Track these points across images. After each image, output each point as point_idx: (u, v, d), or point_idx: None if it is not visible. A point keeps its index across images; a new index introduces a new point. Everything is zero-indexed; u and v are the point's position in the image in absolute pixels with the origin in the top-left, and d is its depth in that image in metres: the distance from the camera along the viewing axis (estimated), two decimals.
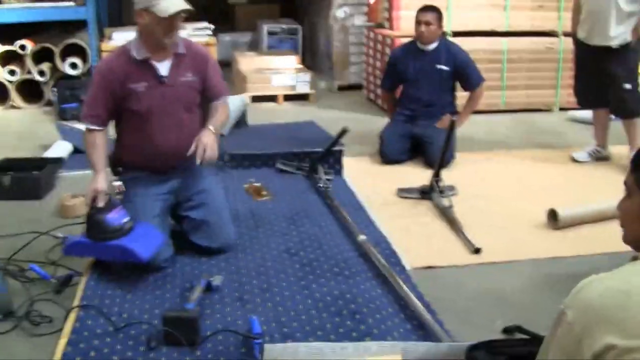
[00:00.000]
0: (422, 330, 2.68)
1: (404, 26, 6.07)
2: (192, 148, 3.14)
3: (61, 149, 4.96)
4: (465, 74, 4.95)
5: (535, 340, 2.35)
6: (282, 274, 3.12)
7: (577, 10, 4.83)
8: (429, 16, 4.81)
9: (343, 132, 4.21)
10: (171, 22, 3.06)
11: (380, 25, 6.63)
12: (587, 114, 5.88)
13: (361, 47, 7.13)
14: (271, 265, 3.20)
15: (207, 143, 3.15)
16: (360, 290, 2.95)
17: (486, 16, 6.23)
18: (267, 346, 2.25)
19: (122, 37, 6.67)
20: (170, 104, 3.20)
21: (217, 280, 2.95)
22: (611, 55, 4.61)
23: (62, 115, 6.06)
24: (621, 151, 5.00)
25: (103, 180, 3.09)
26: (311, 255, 3.30)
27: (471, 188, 4.35)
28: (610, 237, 3.62)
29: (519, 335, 2.46)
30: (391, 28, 6.24)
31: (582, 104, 5.16)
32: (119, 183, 3.18)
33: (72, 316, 2.68)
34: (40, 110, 6.60)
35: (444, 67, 4.90)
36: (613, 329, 1.30)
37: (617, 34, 4.55)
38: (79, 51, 6.69)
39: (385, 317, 2.75)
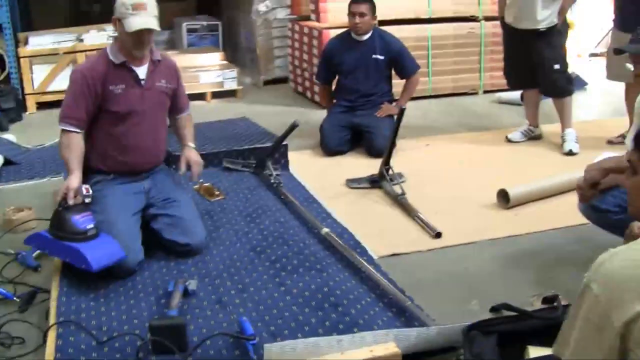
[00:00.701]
0: (403, 317, 2.73)
1: (331, 18, 6.12)
2: (183, 167, 3.46)
3: None
4: (400, 62, 5.03)
5: (524, 316, 2.44)
6: (254, 273, 3.11)
7: None
8: (363, 7, 4.86)
9: (293, 126, 4.21)
10: (139, 37, 3.17)
11: (306, 18, 6.64)
12: (513, 95, 6.11)
13: (285, 40, 7.12)
14: (241, 265, 3.18)
15: (198, 161, 3.49)
16: (336, 282, 2.98)
17: (409, 3, 6.34)
18: (266, 346, 2.24)
19: (38, 41, 6.48)
20: (148, 107, 3.32)
21: (192, 285, 2.91)
22: (539, 38, 4.77)
23: None
24: (551, 129, 5.20)
25: (77, 178, 3.11)
26: (278, 252, 3.29)
27: (416, 174, 4.43)
28: (558, 213, 3.81)
29: (506, 313, 2.53)
30: (318, 20, 6.26)
31: (513, 86, 5.34)
32: (86, 186, 3.10)
33: (52, 334, 2.59)
34: None
35: (380, 57, 4.96)
36: None
37: (544, 17, 4.71)
38: None
39: (366, 307, 2.79)
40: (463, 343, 2.33)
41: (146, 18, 3.14)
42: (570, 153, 4.82)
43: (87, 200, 3.10)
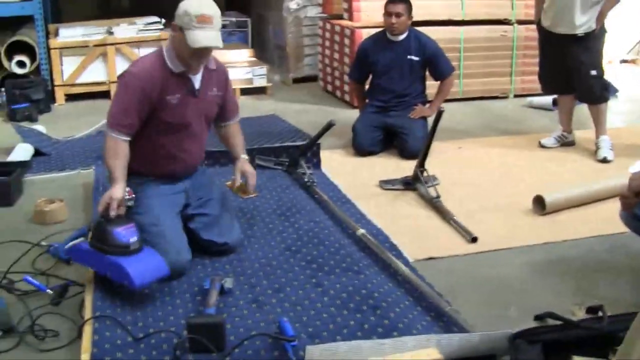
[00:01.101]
0: (441, 321, 2.69)
1: (364, 17, 6.08)
2: (238, 179, 3.35)
3: (24, 152, 4.75)
4: (435, 63, 4.98)
5: (568, 325, 2.39)
6: (290, 273, 3.07)
7: None
8: (400, 7, 4.82)
9: (329, 125, 4.17)
10: (201, 52, 3.00)
11: (337, 17, 6.61)
12: (544, 99, 6.05)
13: (315, 38, 7.10)
14: (277, 265, 3.15)
15: (253, 172, 3.38)
16: (373, 284, 2.94)
17: (443, 5, 6.29)
18: (308, 347, 2.21)
19: (69, 33, 6.50)
20: (198, 117, 3.21)
21: (228, 283, 2.88)
22: (576, 43, 4.71)
23: (13, 116, 5.84)
24: (585, 135, 5.13)
25: (121, 189, 2.95)
26: (314, 252, 3.26)
27: (449, 177, 4.38)
28: (594, 221, 3.76)
29: (551, 322, 2.48)
30: (350, 19, 6.22)
31: (547, 90, 5.27)
32: (128, 189, 3.04)
33: (88, 328, 2.56)
34: None
35: (415, 58, 4.92)
36: None
37: (582, 22, 4.65)
38: (24, 49, 6.43)
39: (405, 310, 2.75)
40: (509, 351, 2.28)
41: (211, 33, 2.94)
42: (605, 160, 4.76)
43: (130, 203, 3.03)
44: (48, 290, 2.97)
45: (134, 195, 3.04)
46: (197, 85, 3.13)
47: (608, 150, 4.81)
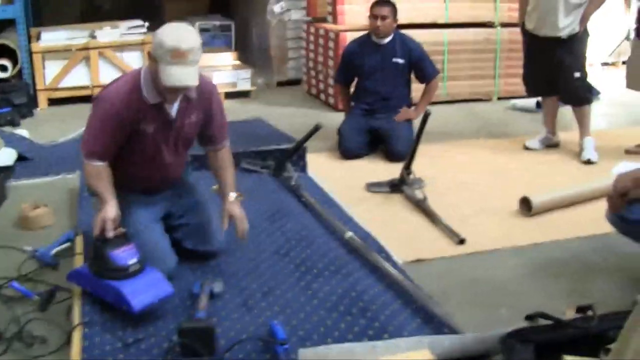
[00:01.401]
0: (432, 323, 2.68)
1: (349, 20, 6.09)
2: (226, 224, 3.12)
3: (6, 157, 4.70)
4: (420, 66, 5.00)
5: (559, 325, 2.40)
6: (279, 276, 3.06)
7: (524, 1, 4.95)
8: (385, 10, 4.83)
9: (316, 128, 4.17)
10: (174, 89, 2.82)
11: (321, 20, 6.62)
12: (527, 102, 6.09)
13: (299, 41, 7.10)
14: (266, 268, 3.14)
15: (242, 217, 3.14)
16: (362, 287, 2.93)
17: (427, 8, 6.31)
18: (301, 350, 2.20)
19: (51, 37, 6.45)
20: (174, 144, 3.07)
21: (218, 287, 2.86)
22: (560, 45, 4.74)
23: None
24: (569, 137, 5.17)
25: (113, 208, 2.83)
26: (302, 255, 3.25)
27: (436, 179, 4.39)
28: (580, 221, 3.79)
29: (542, 322, 2.49)
30: (335, 22, 6.23)
31: (531, 93, 5.30)
32: None
33: (77, 334, 2.54)
34: None
35: (400, 60, 4.93)
36: None
37: (566, 24, 4.69)
38: (5, 52, 6.37)
39: (395, 313, 2.74)
40: (501, 351, 2.29)
41: (186, 70, 2.71)
42: (589, 162, 4.79)
43: None
44: (34, 296, 2.93)
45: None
46: (173, 114, 2.97)
47: (592, 151, 4.85)
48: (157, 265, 2.89)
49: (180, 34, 2.73)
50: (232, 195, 3.16)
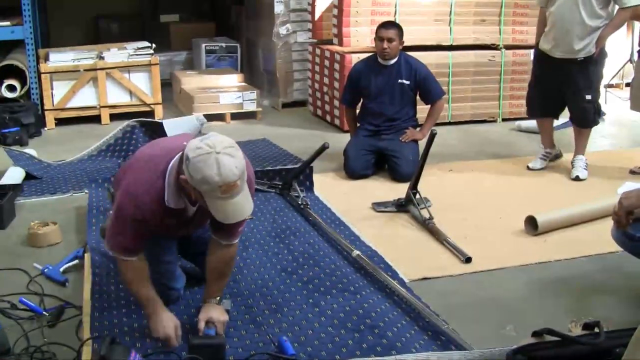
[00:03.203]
0: (439, 340, 2.70)
1: (354, 42, 6.14)
2: (202, 327, 2.66)
3: (15, 175, 4.74)
4: (426, 87, 5.03)
5: (567, 341, 2.40)
6: (287, 294, 3.08)
7: (542, 22, 4.98)
8: (392, 32, 4.87)
9: (323, 148, 4.20)
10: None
11: (327, 42, 6.67)
12: (531, 123, 6.10)
13: (305, 63, 7.15)
14: (274, 286, 3.16)
15: (222, 321, 2.70)
16: (370, 304, 2.95)
17: (431, 30, 6.36)
18: None
19: (59, 58, 6.51)
20: (192, 230, 2.97)
21: (226, 304, 2.86)
22: (575, 67, 4.77)
23: (3, 140, 5.82)
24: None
25: (166, 314, 2.67)
26: (310, 273, 3.27)
27: (440, 200, 4.40)
28: (586, 240, 3.80)
29: (548, 338, 2.49)
30: (340, 44, 6.27)
31: (533, 114, 5.30)
32: None
33: (87, 349, 2.55)
34: None
35: (406, 82, 4.97)
36: None
37: (582, 46, 4.71)
38: (14, 72, 6.43)
39: (402, 330, 2.76)
40: None
41: (240, 200, 2.42)
42: (577, 179, 4.85)
43: None
44: (44, 313, 2.95)
45: None
46: (191, 213, 2.74)
47: (582, 169, 4.92)
48: (167, 283, 2.90)
49: (223, 162, 2.33)
50: (213, 301, 2.76)
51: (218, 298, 2.77)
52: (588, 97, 4.82)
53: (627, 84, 7.98)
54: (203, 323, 2.66)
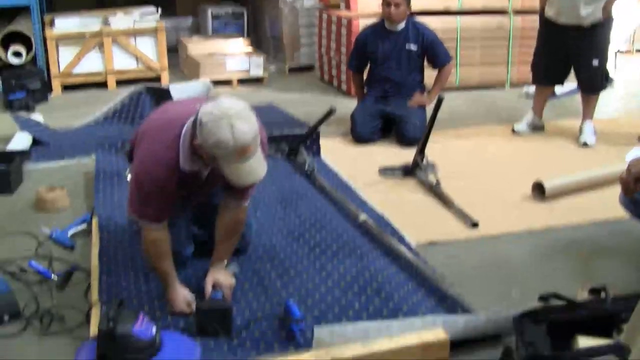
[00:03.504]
0: (445, 304, 2.71)
1: (361, 7, 6.09)
2: (208, 291, 2.68)
3: (22, 141, 4.74)
4: (433, 52, 5.00)
5: (573, 306, 2.42)
6: (293, 257, 3.09)
7: None
8: None
9: (330, 112, 4.19)
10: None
11: (334, 6, 6.61)
12: None
13: (311, 28, 7.10)
14: (280, 250, 3.17)
15: (228, 284, 2.73)
16: (376, 268, 2.95)
17: None
18: (316, 329, 2.23)
19: (65, 23, 6.47)
20: (207, 191, 2.92)
21: (233, 268, 2.88)
22: (582, 34, 4.72)
23: (10, 106, 5.82)
24: (567, 124, 5.25)
25: (182, 289, 2.69)
26: (317, 237, 3.27)
27: (447, 165, 4.40)
28: (593, 206, 3.80)
29: (555, 302, 2.50)
30: (348, 9, 6.22)
31: (539, 81, 5.27)
32: None
33: (95, 312, 2.57)
34: None
35: (413, 47, 4.93)
36: None
37: (588, 13, 4.65)
38: (19, 38, 6.40)
39: (409, 293, 2.77)
40: (514, 331, 2.31)
41: (255, 162, 2.41)
42: (586, 145, 4.85)
43: None
44: (52, 277, 2.98)
45: None
46: (204, 175, 2.70)
47: (590, 135, 4.90)
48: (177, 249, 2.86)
49: (237, 126, 2.32)
50: (222, 264, 2.79)
51: (225, 262, 2.78)
52: (596, 62, 4.78)
53: (638, 50, 7.94)
54: (210, 286, 2.68)
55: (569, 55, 4.85)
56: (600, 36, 4.78)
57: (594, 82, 4.87)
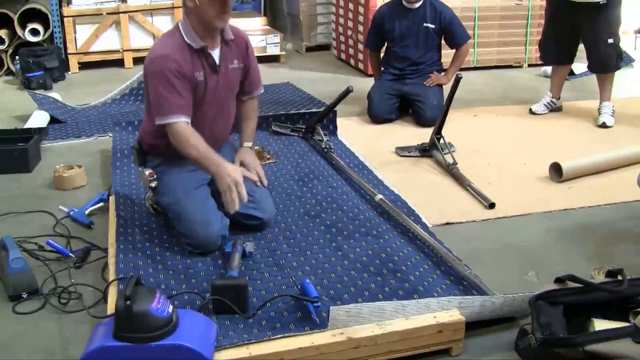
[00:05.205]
0: (461, 285, 2.71)
1: None
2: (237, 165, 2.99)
3: (40, 119, 4.77)
4: (451, 31, 4.95)
5: (589, 288, 2.40)
6: (309, 237, 3.10)
7: None
8: None
9: (347, 91, 4.17)
10: (224, 2, 2.84)
11: None
12: None
13: (329, 7, 7.07)
14: (297, 229, 3.17)
15: (254, 165, 3.10)
16: (393, 248, 2.96)
17: None
18: (332, 308, 2.23)
19: (82, 1, 6.47)
20: (220, 93, 3.06)
21: (250, 247, 2.89)
22: (593, 11, 4.66)
23: (28, 84, 5.85)
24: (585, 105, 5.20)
25: (231, 166, 2.86)
26: (333, 217, 3.27)
27: (464, 145, 4.38)
28: (610, 188, 3.77)
29: (571, 284, 2.49)
30: None
31: (547, 60, 5.24)
32: (149, 171, 3.03)
33: (113, 290, 2.59)
34: (0, 80, 6.31)
35: (430, 25, 4.89)
36: None
37: None
38: (37, 16, 6.41)
39: (425, 274, 2.77)
40: (531, 313, 2.30)
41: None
42: (604, 125, 4.80)
43: (153, 184, 3.03)
44: (70, 255, 3.00)
45: (155, 177, 3.03)
46: (217, 60, 2.97)
47: (609, 116, 4.85)
48: (200, 236, 2.90)
49: None
50: (247, 145, 3.21)
51: (251, 144, 3.21)
52: (610, 41, 4.72)
53: None
54: (238, 163, 3.05)
55: (579, 33, 4.79)
56: (612, 14, 4.73)
57: (610, 61, 4.81)
